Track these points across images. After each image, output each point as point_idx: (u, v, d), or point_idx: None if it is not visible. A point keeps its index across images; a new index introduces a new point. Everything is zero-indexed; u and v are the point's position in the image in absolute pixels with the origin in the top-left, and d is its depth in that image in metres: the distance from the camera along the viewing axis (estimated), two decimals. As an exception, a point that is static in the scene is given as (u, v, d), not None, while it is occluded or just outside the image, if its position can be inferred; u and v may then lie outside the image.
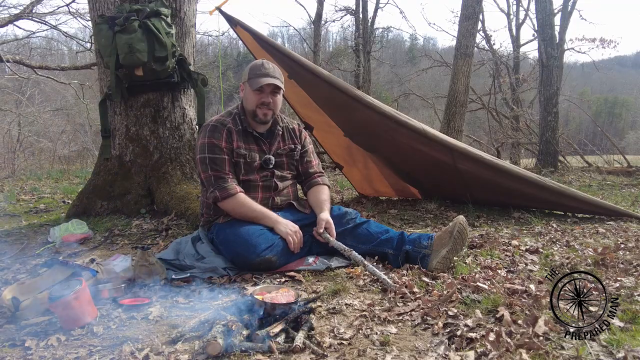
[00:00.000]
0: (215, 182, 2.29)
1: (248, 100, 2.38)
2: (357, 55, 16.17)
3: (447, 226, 2.18)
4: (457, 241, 2.11)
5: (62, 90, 14.65)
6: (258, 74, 2.32)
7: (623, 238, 2.74)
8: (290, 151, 2.53)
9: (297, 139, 2.57)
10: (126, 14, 3.08)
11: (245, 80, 2.38)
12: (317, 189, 2.53)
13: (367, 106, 3.31)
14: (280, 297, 1.69)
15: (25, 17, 9.96)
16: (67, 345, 1.52)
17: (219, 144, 2.31)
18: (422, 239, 2.20)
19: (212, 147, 2.31)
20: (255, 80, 2.31)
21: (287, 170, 2.52)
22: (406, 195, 4.51)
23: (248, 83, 2.36)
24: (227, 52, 30.81)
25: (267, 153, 2.43)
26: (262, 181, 2.41)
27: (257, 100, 2.33)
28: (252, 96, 2.34)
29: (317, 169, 2.63)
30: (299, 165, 2.59)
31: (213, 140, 2.32)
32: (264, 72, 2.32)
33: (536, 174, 3.83)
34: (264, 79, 2.30)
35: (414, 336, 1.48)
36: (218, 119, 2.41)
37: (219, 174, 2.29)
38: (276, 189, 2.45)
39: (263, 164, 2.41)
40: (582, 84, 29.40)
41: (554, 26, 8.62)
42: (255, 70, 2.34)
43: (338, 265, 2.24)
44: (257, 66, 2.35)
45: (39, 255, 2.71)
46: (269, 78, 2.31)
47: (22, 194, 5.45)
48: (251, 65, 2.39)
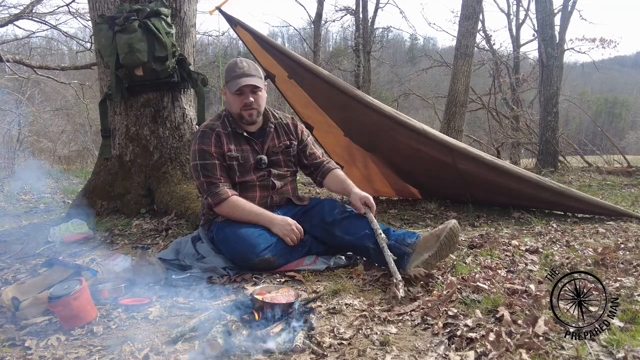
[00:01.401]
0: (207, 189, 2.28)
1: (231, 104, 2.33)
2: (357, 55, 16.18)
3: (436, 228, 2.01)
4: (443, 247, 1.95)
5: (62, 90, 14.64)
6: (234, 75, 2.27)
7: (623, 238, 2.74)
8: (286, 148, 2.48)
9: (292, 135, 2.52)
10: (126, 14, 3.08)
11: (225, 84, 2.33)
12: (332, 174, 2.50)
13: (367, 106, 3.31)
14: (280, 297, 1.69)
15: (25, 17, 9.96)
16: (67, 345, 1.52)
17: (209, 150, 2.29)
18: (407, 236, 2.05)
19: (203, 153, 2.29)
20: (232, 83, 2.26)
21: (284, 167, 2.48)
22: (406, 195, 4.51)
23: (227, 86, 2.31)
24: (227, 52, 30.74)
25: (259, 153, 2.40)
26: (260, 181, 2.38)
27: (239, 103, 2.29)
28: (233, 99, 2.30)
29: (324, 159, 2.59)
30: (302, 160, 2.56)
31: (202, 147, 2.30)
32: (239, 72, 2.26)
33: (536, 174, 3.83)
34: (240, 79, 2.25)
35: (414, 336, 1.48)
36: (207, 124, 2.38)
37: (211, 180, 2.28)
38: (274, 187, 2.42)
39: (257, 164, 2.38)
40: (582, 84, 29.40)
41: (554, 26, 8.62)
42: (230, 72, 2.28)
43: (338, 264, 2.24)
44: (231, 67, 2.30)
45: (39, 255, 2.71)
46: (245, 78, 2.25)
47: (22, 193, 5.45)
48: (226, 67, 2.34)
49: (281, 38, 33.94)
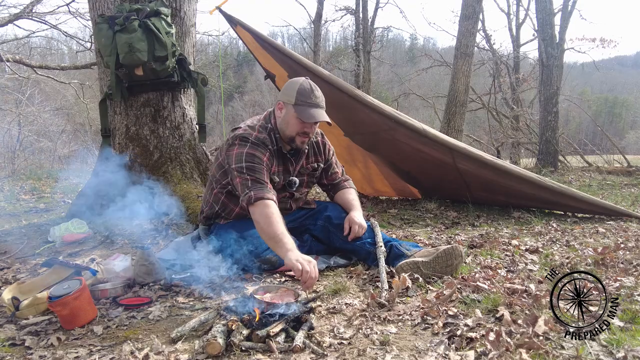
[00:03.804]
0: (252, 185, 2.05)
1: (289, 125, 2.17)
2: (357, 55, 16.16)
3: (440, 246, 2.12)
4: (438, 260, 1.98)
5: (62, 90, 14.65)
6: (309, 102, 2.12)
7: (623, 238, 2.74)
8: (313, 170, 2.42)
9: (320, 155, 2.43)
10: (126, 14, 3.08)
11: (290, 102, 2.14)
12: (344, 192, 2.48)
13: (367, 106, 3.31)
14: (280, 297, 1.69)
15: (25, 16, 9.96)
16: (67, 344, 1.52)
17: (261, 157, 2.13)
18: (412, 245, 2.19)
19: (252, 157, 2.11)
20: (305, 111, 2.11)
21: (305, 188, 2.44)
22: (406, 195, 4.51)
23: (294, 108, 2.12)
24: (227, 51, 30.79)
25: (291, 174, 2.31)
26: (280, 202, 2.20)
27: (299, 129, 2.16)
28: (294, 122, 2.15)
29: (343, 177, 2.56)
30: (322, 178, 2.51)
31: (254, 152, 2.12)
32: (315, 101, 2.13)
33: (536, 173, 3.83)
34: (315, 111, 2.11)
35: (414, 336, 1.48)
36: (258, 136, 2.17)
37: (257, 179, 2.08)
38: (290, 209, 2.41)
39: (287, 185, 2.31)
40: (582, 84, 29.37)
41: (554, 26, 8.62)
42: (304, 97, 2.12)
43: (338, 264, 2.24)
44: (307, 92, 2.13)
45: (39, 255, 2.71)
46: (321, 111, 2.14)
47: (22, 193, 5.45)
48: (299, 87, 2.14)
49: (281, 38, 34.00)
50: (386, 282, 1.88)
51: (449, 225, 3.32)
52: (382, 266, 2.00)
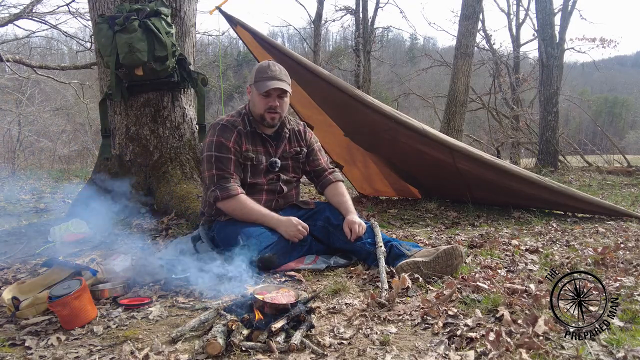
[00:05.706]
0: (217, 181, 2.27)
1: (255, 104, 2.35)
2: (357, 55, 16.16)
3: (441, 246, 2.11)
4: (438, 260, 1.98)
5: (62, 90, 14.65)
6: (264, 77, 2.28)
7: (623, 238, 2.74)
8: (296, 154, 2.52)
9: (302, 141, 2.55)
10: (126, 14, 3.08)
11: (252, 82, 2.34)
12: (332, 188, 2.52)
13: (367, 106, 3.32)
14: (280, 297, 1.69)
15: (25, 16, 9.96)
16: (67, 345, 1.52)
17: (227, 144, 2.30)
18: (412, 245, 2.20)
19: (220, 146, 2.29)
20: (262, 84, 2.28)
21: (292, 173, 2.52)
22: (406, 195, 4.51)
23: (254, 86, 2.32)
24: (227, 51, 30.78)
25: (273, 155, 2.43)
26: (268, 184, 2.41)
27: (264, 105, 2.31)
28: (259, 100, 2.31)
29: (327, 165, 2.61)
30: (306, 166, 2.58)
31: (222, 139, 2.30)
32: (271, 75, 2.28)
33: (536, 173, 3.83)
34: (270, 82, 2.27)
35: (414, 336, 1.48)
36: (229, 120, 2.38)
37: (223, 174, 2.28)
38: (281, 192, 2.46)
39: (269, 167, 2.40)
40: (582, 84, 29.40)
41: (554, 26, 8.62)
42: (261, 73, 2.30)
43: (338, 264, 2.24)
44: (263, 68, 2.31)
45: (39, 255, 2.70)
46: (276, 81, 2.28)
47: (22, 193, 5.45)
48: (257, 67, 2.35)
49: (281, 38, 34.00)
50: (386, 282, 1.87)
51: (449, 225, 3.32)
52: (382, 266, 2.00)
